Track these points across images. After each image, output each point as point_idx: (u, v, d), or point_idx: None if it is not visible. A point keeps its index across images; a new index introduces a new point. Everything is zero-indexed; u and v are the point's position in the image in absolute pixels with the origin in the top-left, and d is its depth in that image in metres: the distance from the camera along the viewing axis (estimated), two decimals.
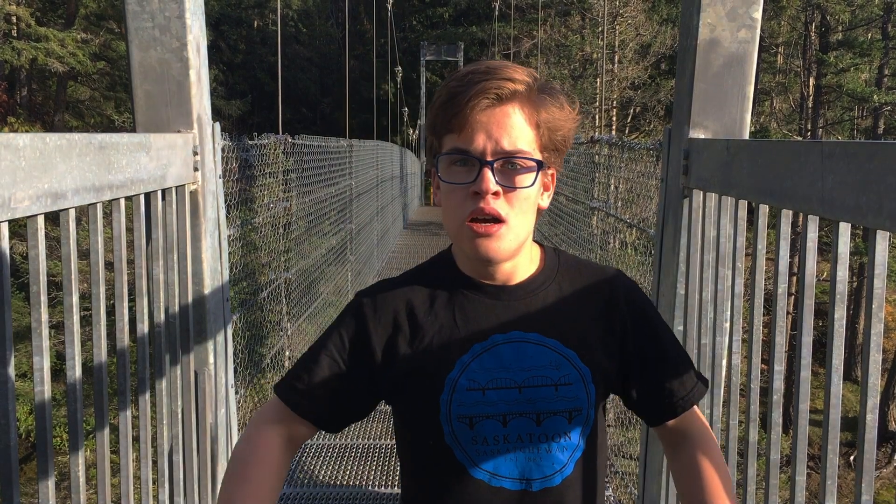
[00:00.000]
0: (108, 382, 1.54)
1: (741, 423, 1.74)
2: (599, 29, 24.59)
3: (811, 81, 23.84)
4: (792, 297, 15.20)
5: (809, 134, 23.25)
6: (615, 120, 26.87)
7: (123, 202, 1.60)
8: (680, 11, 2.43)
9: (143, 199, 1.75)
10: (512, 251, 1.14)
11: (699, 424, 1.26)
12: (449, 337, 1.17)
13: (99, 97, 25.89)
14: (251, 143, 4.13)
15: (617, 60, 25.56)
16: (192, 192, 2.07)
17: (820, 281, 13.67)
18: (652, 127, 27.03)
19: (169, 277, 1.90)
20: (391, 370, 1.19)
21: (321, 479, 4.19)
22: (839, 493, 1.63)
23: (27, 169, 1.20)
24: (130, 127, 2.13)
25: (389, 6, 27.86)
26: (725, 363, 1.95)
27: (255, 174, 4.32)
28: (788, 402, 12.36)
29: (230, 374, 2.37)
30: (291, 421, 1.22)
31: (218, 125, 2.24)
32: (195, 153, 2.07)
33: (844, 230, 1.31)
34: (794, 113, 26.99)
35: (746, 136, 2.14)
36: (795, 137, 22.50)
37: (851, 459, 17.37)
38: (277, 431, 1.21)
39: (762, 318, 1.71)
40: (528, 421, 1.16)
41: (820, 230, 1.46)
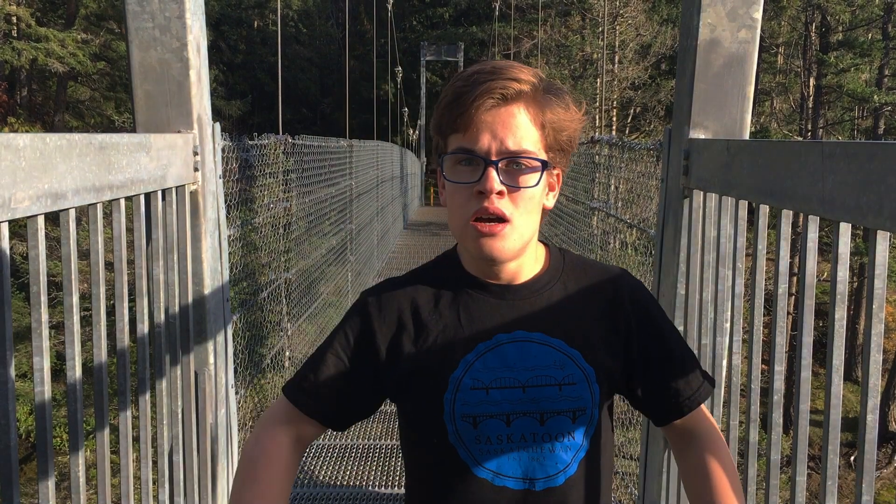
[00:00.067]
0: (108, 383, 1.54)
1: (741, 423, 1.74)
2: (600, 29, 24.60)
3: (811, 82, 23.85)
4: (792, 297, 15.20)
5: (810, 134, 23.25)
6: (615, 120, 26.87)
7: (123, 202, 1.60)
8: (680, 12, 2.43)
9: (143, 199, 1.75)
10: (516, 251, 1.14)
11: (707, 424, 1.26)
12: (453, 336, 1.18)
13: (99, 97, 25.90)
14: (251, 143, 4.13)
15: (617, 61, 25.56)
16: (192, 192, 2.07)
17: (820, 281, 13.67)
18: (652, 127, 27.04)
19: (169, 278, 1.90)
20: (396, 369, 1.19)
21: (322, 479, 4.19)
22: (839, 493, 1.63)
23: (27, 169, 1.20)
24: (130, 127, 2.13)
25: (389, 6, 27.87)
26: (726, 363, 1.95)
27: (255, 174, 4.32)
28: (789, 402, 12.36)
29: (230, 374, 2.37)
30: (299, 421, 1.23)
31: (218, 125, 2.24)
32: (195, 153, 2.06)
33: (845, 230, 1.31)
34: (794, 113, 27.00)
35: (747, 136, 2.14)
36: (796, 138, 22.50)
37: (852, 460, 17.37)
38: (286, 432, 1.22)
39: (762, 318, 1.71)
40: (531, 420, 1.16)
41: (820, 230, 1.46)
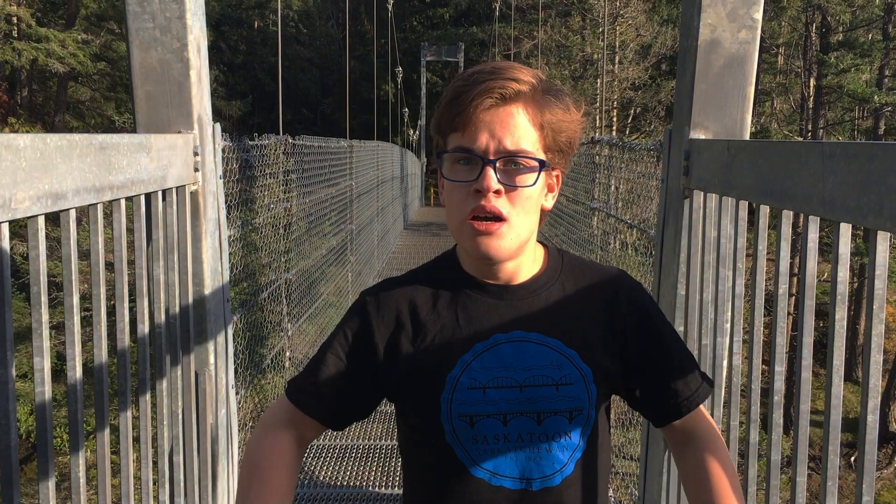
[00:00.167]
0: (108, 383, 1.54)
1: (742, 423, 1.74)
2: (600, 30, 24.59)
3: (812, 82, 23.84)
4: (793, 297, 15.20)
5: (810, 135, 23.25)
6: (616, 120, 26.87)
7: (124, 203, 1.60)
8: (680, 12, 2.43)
9: (143, 199, 1.75)
10: (513, 250, 1.14)
11: (706, 424, 1.26)
12: (451, 336, 1.18)
13: (99, 98, 25.89)
14: (252, 143, 4.13)
15: (617, 61, 25.56)
16: (192, 192, 2.07)
17: (821, 282, 13.67)
18: (652, 128, 27.03)
19: (169, 278, 1.90)
20: (394, 368, 1.19)
21: (322, 479, 4.19)
22: (840, 493, 1.63)
23: (28, 169, 1.20)
24: (131, 127, 2.13)
25: (390, 7, 27.88)
26: (726, 364, 1.95)
27: (255, 175, 4.32)
28: (789, 402, 12.36)
29: (230, 374, 2.37)
30: (300, 421, 1.23)
31: (218, 126, 2.24)
32: (196, 154, 2.07)
33: (845, 231, 1.31)
34: (794, 114, 26.98)
35: (747, 136, 2.14)
36: (796, 138, 22.49)
37: (852, 460, 17.36)
38: (288, 432, 1.22)
39: (763, 318, 1.71)
40: (528, 420, 1.16)
41: (821, 231, 1.46)
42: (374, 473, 4.26)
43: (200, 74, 2.11)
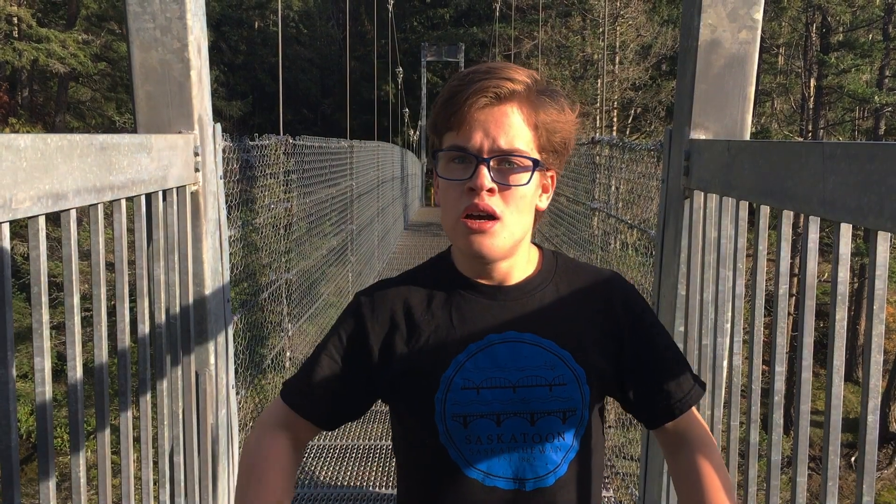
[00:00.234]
0: (108, 383, 1.54)
1: (742, 424, 1.74)
2: (600, 30, 24.59)
3: (812, 82, 23.83)
4: (793, 298, 15.19)
5: (810, 135, 23.24)
6: (616, 121, 26.86)
7: (124, 203, 1.60)
8: (681, 12, 2.43)
9: (143, 199, 1.75)
10: (506, 249, 1.15)
11: (698, 427, 1.26)
12: (445, 336, 1.18)
13: (100, 98, 25.90)
14: (252, 143, 4.13)
15: (618, 61, 25.56)
16: (192, 192, 2.07)
17: (821, 282, 13.66)
18: (653, 128, 27.02)
19: (170, 278, 1.90)
20: (388, 369, 1.20)
21: (322, 479, 4.19)
22: (840, 494, 1.63)
23: (28, 170, 1.20)
24: (131, 128, 2.13)
25: (390, 7, 27.88)
26: (726, 364, 1.95)
27: (255, 175, 4.32)
28: (789, 403, 12.35)
29: (231, 374, 2.37)
30: (295, 422, 1.24)
31: (219, 126, 2.24)
32: (196, 154, 2.07)
33: (845, 231, 1.31)
34: (794, 114, 26.97)
35: (747, 136, 2.14)
36: (796, 138, 22.48)
37: (852, 461, 17.36)
38: (284, 434, 1.23)
39: (763, 319, 1.71)
40: (522, 421, 1.16)
41: (821, 231, 1.46)
42: (374, 473, 4.27)
43: (201, 75, 2.11)
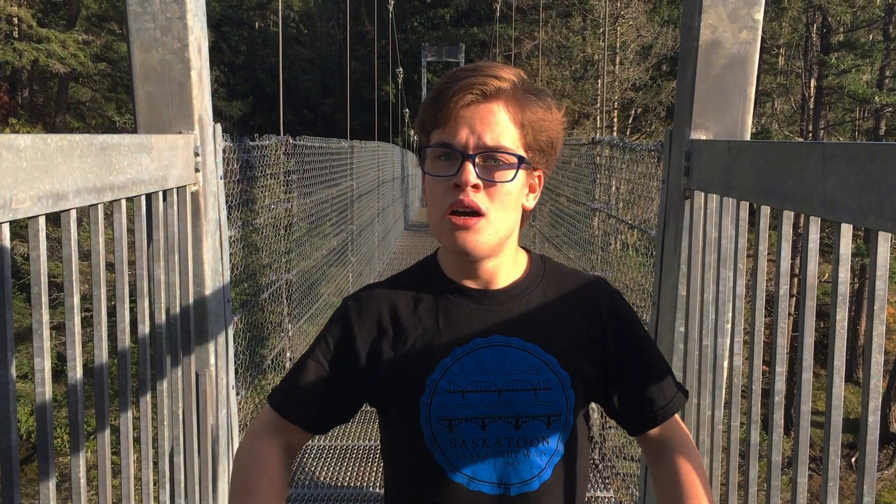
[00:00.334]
0: (108, 383, 1.54)
1: (742, 424, 1.74)
2: (601, 30, 24.60)
3: (812, 83, 23.83)
4: (793, 298, 15.18)
5: (811, 135, 23.24)
6: (616, 121, 26.87)
7: (124, 203, 1.60)
8: (681, 13, 2.43)
9: (144, 200, 1.75)
10: (491, 246, 1.14)
11: (680, 434, 1.27)
12: (431, 340, 1.18)
13: (100, 98, 25.91)
14: (252, 144, 4.13)
15: (618, 62, 25.56)
16: (193, 193, 2.07)
17: (821, 282, 13.66)
18: (653, 128, 27.03)
19: (170, 278, 1.90)
20: (375, 373, 1.20)
21: (322, 480, 4.19)
22: (841, 494, 1.63)
23: (28, 170, 1.20)
24: (132, 128, 2.13)
25: (390, 7, 27.90)
26: (727, 364, 1.95)
27: (256, 175, 4.32)
28: (790, 403, 12.35)
29: (231, 375, 2.37)
30: (284, 428, 1.24)
31: (219, 126, 2.24)
32: (196, 154, 2.07)
33: (846, 232, 1.31)
34: (795, 114, 26.98)
35: (748, 137, 2.14)
36: (797, 139, 22.49)
37: (853, 461, 17.35)
38: (274, 440, 1.23)
39: (763, 319, 1.71)
40: (507, 425, 1.16)
41: (821, 231, 1.46)
42: (374, 474, 4.26)
43: (201, 75, 2.11)
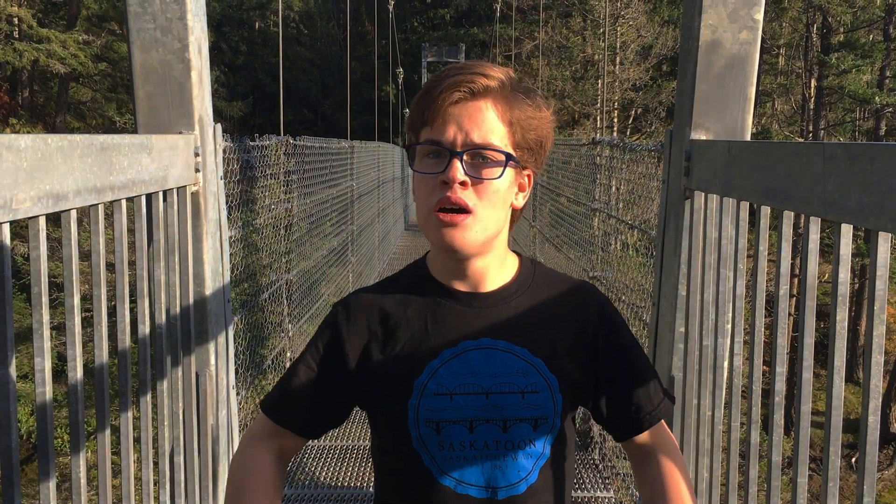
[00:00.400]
0: (109, 384, 1.54)
1: (743, 424, 1.74)
2: (601, 30, 24.60)
3: (812, 83, 23.83)
4: (793, 298, 15.18)
5: (811, 135, 23.23)
6: (616, 121, 26.87)
7: (125, 203, 1.60)
8: (681, 13, 2.43)
9: (144, 200, 1.75)
10: (478, 244, 1.14)
11: (666, 440, 1.27)
12: (420, 343, 1.18)
13: (100, 98, 25.90)
14: (252, 144, 4.13)
15: (618, 62, 25.56)
16: (193, 193, 2.07)
17: (821, 283, 13.66)
18: (653, 128, 27.03)
19: (170, 279, 1.90)
20: (365, 376, 1.20)
21: (322, 480, 4.19)
22: (841, 495, 1.63)
23: (29, 170, 1.20)
24: (132, 128, 2.14)
25: (391, 7, 27.90)
26: (727, 365, 1.95)
27: (256, 175, 4.32)
28: (790, 403, 12.35)
29: (231, 375, 2.37)
30: (276, 434, 1.25)
31: (219, 126, 2.24)
32: (196, 154, 2.07)
33: (846, 232, 1.30)
34: (795, 114, 26.97)
35: (748, 137, 2.14)
36: (797, 139, 22.48)
37: (853, 461, 17.35)
38: (266, 447, 1.24)
39: (764, 319, 1.71)
40: (494, 428, 1.16)
41: (822, 232, 1.46)
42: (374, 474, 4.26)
43: (201, 75, 2.11)
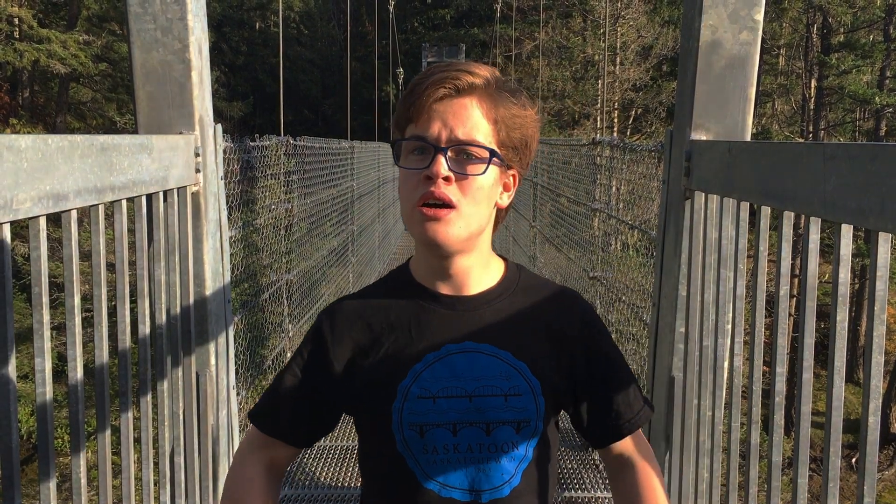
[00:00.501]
0: (109, 384, 1.54)
1: (743, 425, 1.74)
2: (601, 31, 24.61)
3: (813, 83, 23.84)
4: (794, 299, 15.18)
5: (811, 136, 23.23)
6: (616, 121, 26.89)
7: (125, 203, 1.60)
8: (682, 13, 2.43)
9: (144, 200, 1.75)
10: (461, 240, 1.14)
11: (644, 449, 1.28)
12: (404, 347, 1.19)
13: (101, 99, 25.91)
14: (253, 144, 4.13)
15: (618, 62, 25.57)
16: (193, 193, 2.07)
17: (822, 283, 13.66)
18: (654, 129, 27.03)
19: (170, 279, 1.90)
20: (350, 382, 1.21)
21: (323, 480, 4.19)
22: (841, 495, 1.63)
23: (29, 170, 1.20)
24: (132, 128, 2.14)
25: (391, 8, 27.92)
26: (727, 365, 1.95)
27: (256, 176, 4.32)
28: (790, 404, 12.35)
29: (231, 375, 2.37)
30: (267, 445, 1.26)
31: (220, 127, 2.24)
32: (197, 155, 2.07)
33: (846, 232, 1.30)
34: (795, 115, 26.98)
35: (748, 137, 2.14)
36: (797, 139, 22.48)
37: (853, 462, 17.34)
38: (258, 460, 1.25)
39: (764, 320, 1.71)
40: (478, 431, 1.17)
41: (822, 232, 1.46)
42: None
43: (202, 75, 2.11)
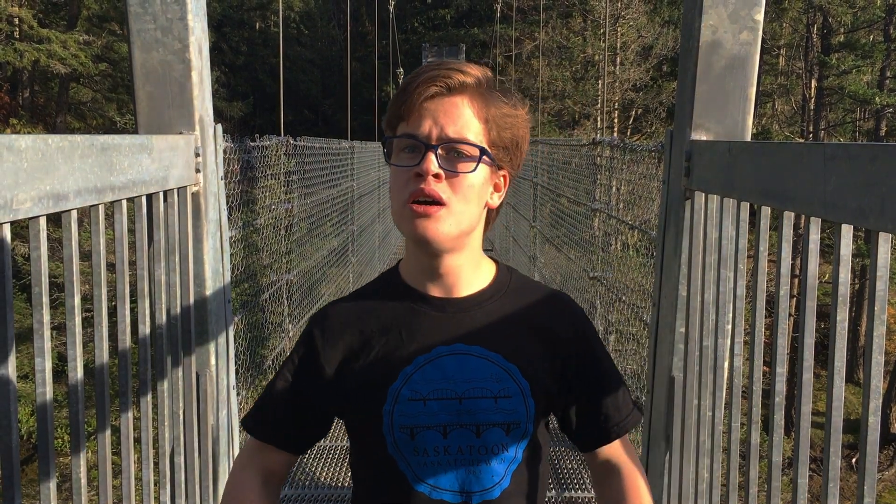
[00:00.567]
0: (109, 384, 1.54)
1: (743, 425, 1.74)
2: (601, 31, 24.61)
3: (813, 83, 23.84)
4: (794, 299, 15.17)
5: (811, 136, 23.23)
6: (617, 122, 26.89)
7: (125, 203, 1.60)
8: (682, 13, 2.43)
9: (144, 200, 1.75)
10: (452, 237, 1.14)
11: (631, 453, 1.28)
12: (394, 349, 1.19)
13: (101, 99, 25.93)
14: (253, 144, 4.13)
15: (619, 62, 25.58)
16: (193, 193, 2.07)
17: (822, 283, 13.66)
18: (654, 129, 27.03)
19: (170, 279, 1.90)
20: (341, 386, 1.21)
21: (323, 480, 4.19)
22: (841, 495, 1.62)
23: (29, 170, 1.20)
24: (132, 128, 2.14)
25: (391, 8, 27.92)
26: (727, 365, 1.95)
27: (256, 176, 4.33)
28: (790, 404, 12.35)
29: (231, 375, 2.37)
30: (261, 451, 1.26)
31: (220, 127, 2.24)
32: (197, 155, 2.07)
33: (846, 232, 1.30)
34: (795, 115, 26.98)
35: (748, 138, 2.14)
36: (797, 139, 22.48)
37: (853, 462, 17.34)
38: (254, 469, 1.25)
39: (764, 320, 1.71)
40: (468, 433, 1.17)
41: (822, 232, 1.46)
42: None
43: (202, 75, 2.11)
